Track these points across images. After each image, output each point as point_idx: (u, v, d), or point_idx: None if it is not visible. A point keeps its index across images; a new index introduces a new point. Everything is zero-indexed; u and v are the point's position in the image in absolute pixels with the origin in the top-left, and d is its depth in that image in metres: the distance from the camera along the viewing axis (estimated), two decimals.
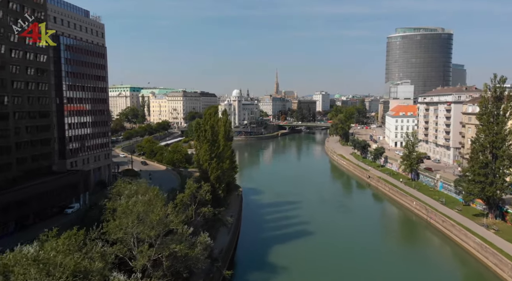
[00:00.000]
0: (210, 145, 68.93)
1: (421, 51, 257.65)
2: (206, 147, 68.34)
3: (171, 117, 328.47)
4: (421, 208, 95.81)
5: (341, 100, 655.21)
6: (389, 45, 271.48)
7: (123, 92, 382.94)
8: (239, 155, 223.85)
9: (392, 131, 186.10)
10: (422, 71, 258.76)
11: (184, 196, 53.21)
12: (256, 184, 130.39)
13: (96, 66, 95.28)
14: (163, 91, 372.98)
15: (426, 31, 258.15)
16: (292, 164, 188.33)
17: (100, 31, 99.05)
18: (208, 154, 68.40)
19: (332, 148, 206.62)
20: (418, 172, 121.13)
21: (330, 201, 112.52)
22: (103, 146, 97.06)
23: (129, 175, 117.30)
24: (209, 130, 68.33)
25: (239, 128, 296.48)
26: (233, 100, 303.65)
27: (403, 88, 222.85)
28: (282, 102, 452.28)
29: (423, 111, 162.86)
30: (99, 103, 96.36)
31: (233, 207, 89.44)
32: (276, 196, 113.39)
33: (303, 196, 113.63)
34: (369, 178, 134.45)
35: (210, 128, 68.36)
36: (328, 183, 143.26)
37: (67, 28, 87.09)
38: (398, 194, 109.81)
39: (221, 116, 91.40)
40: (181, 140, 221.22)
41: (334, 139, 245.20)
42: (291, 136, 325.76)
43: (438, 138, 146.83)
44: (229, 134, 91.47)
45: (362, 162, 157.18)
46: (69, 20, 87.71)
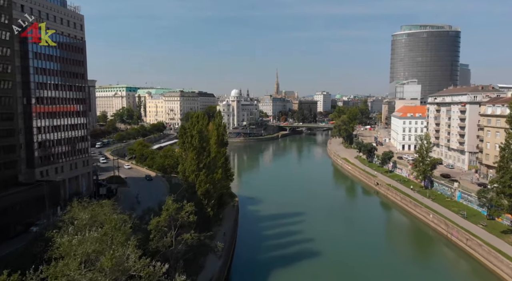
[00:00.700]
0: (198, 154, 58.21)
1: (428, 50, 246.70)
2: (193, 156, 57.64)
3: (167, 118, 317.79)
4: (439, 222, 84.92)
5: (343, 100, 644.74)
6: (394, 43, 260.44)
7: (119, 92, 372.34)
8: (237, 157, 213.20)
9: (399, 133, 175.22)
10: (428, 70, 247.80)
11: (160, 220, 42.53)
12: (254, 191, 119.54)
13: (73, 62, 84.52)
14: (160, 91, 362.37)
15: (432, 28, 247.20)
16: (294, 168, 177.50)
17: (79, 23, 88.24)
18: (195, 164, 57.70)
19: (335, 151, 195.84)
20: (432, 179, 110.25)
21: (336, 213, 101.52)
22: (81, 152, 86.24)
23: (115, 183, 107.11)
24: (196, 136, 57.62)
25: (238, 129, 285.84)
26: (232, 101, 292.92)
27: (410, 88, 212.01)
28: (282, 103, 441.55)
29: (433, 112, 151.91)
30: (77, 103, 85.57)
31: (228, 222, 78.70)
32: (277, 207, 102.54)
33: (306, 207, 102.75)
34: (377, 185, 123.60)
35: (197, 134, 57.66)
36: (332, 191, 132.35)
37: (38, 18, 76.26)
38: (411, 205, 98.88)
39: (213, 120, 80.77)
40: (177, 142, 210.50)
41: (336, 141, 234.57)
42: (292, 138, 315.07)
43: (451, 142, 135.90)
44: (223, 139, 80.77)
45: (369, 167, 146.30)
46: (40, 9, 76.96)
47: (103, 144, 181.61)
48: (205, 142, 61.13)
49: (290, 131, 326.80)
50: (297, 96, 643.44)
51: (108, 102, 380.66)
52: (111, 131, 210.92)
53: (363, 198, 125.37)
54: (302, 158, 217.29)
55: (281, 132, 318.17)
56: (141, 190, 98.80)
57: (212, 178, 62.30)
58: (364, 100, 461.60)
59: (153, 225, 41.97)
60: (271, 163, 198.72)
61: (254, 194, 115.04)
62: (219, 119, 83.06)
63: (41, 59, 75.66)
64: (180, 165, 62.55)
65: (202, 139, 59.53)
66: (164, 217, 42.85)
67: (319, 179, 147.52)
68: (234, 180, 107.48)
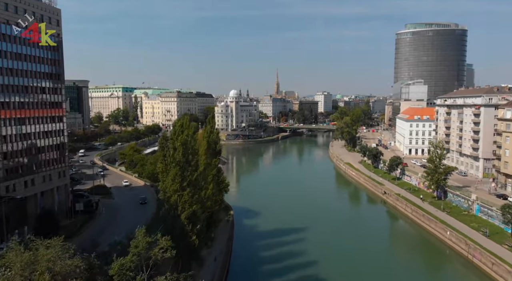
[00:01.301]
0: (182, 170, 49.03)
1: (433, 49, 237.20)
2: (175, 172, 48.44)
3: (164, 119, 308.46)
4: (458, 241, 75.66)
5: (344, 100, 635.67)
6: (398, 42, 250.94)
7: (115, 93, 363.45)
8: (235, 161, 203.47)
9: (406, 137, 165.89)
10: (434, 70, 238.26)
11: (126, 262, 33.40)
12: (252, 201, 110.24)
13: (46, 61, 75.30)
14: (157, 91, 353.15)
15: (438, 26, 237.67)
16: (295, 174, 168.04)
17: (55, 18, 78.99)
18: (178, 183, 48.50)
19: (338, 155, 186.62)
20: (445, 189, 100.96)
21: (342, 227, 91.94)
22: (56, 163, 76.96)
23: (99, 193, 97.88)
24: (180, 148, 48.44)
25: (236, 131, 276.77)
26: (231, 101, 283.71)
27: (416, 89, 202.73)
28: (282, 103, 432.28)
29: (443, 115, 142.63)
30: (51, 108, 76.31)
31: (220, 242, 69.53)
32: (277, 220, 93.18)
33: (309, 220, 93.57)
34: (384, 194, 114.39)
35: (181, 146, 48.47)
36: (336, 200, 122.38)
37: (4, 11, 67.13)
38: (424, 219, 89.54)
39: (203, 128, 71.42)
40: None
41: (339, 144, 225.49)
42: (292, 139, 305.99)
43: (464, 147, 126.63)
44: (215, 148, 71.59)
45: (374, 173, 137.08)
46: (8, 1, 67.74)
47: (94, 148, 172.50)
48: (191, 154, 51.90)
49: (290, 133, 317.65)
50: (297, 96, 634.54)
51: (104, 102, 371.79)
52: (103, 134, 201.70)
53: (369, 209, 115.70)
54: (303, 162, 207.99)
55: (281, 133, 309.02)
56: (127, 204, 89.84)
57: (200, 197, 53.07)
58: (366, 101, 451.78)
59: (115, 270, 32.91)
60: (271, 168, 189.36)
61: (252, 205, 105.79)
62: (211, 125, 73.80)
63: (7, 58, 66.52)
64: (161, 182, 53.28)
65: (187, 152, 50.29)
66: (130, 258, 33.79)
67: (321, 186, 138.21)
68: (231, 188, 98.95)
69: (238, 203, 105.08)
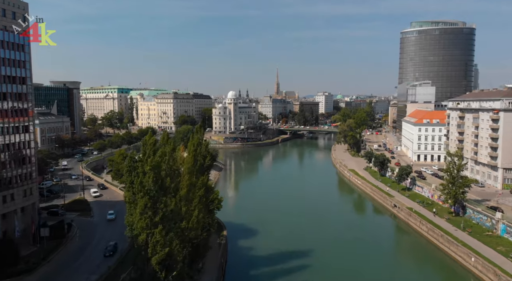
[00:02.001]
0: (153, 200, 38.75)
1: (440, 48, 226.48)
2: (144, 204, 38.10)
3: (160, 121, 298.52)
4: (485, 270, 65.26)
5: (345, 101, 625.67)
6: (403, 41, 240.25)
7: (110, 94, 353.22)
8: (233, 167, 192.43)
9: (414, 142, 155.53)
10: (441, 71, 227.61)
11: None
12: (249, 215, 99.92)
13: (8, 62, 64.98)
14: (153, 92, 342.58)
15: (445, 25, 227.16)
16: (296, 181, 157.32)
17: (20, 13, 68.69)
18: (148, 218, 38.17)
19: (341, 160, 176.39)
20: (464, 204, 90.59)
21: (349, 248, 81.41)
22: (20, 180, 66.61)
23: (77, 210, 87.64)
24: (150, 174, 38.05)
25: (235, 134, 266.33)
26: (229, 103, 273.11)
27: (423, 90, 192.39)
28: (282, 104, 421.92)
29: (456, 119, 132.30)
30: (14, 116, 66.00)
31: (209, 273, 59.10)
32: (276, 241, 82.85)
33: (312, 239, 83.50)
34: (394, 207, 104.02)
35: (151, 171, 38.02)
36: (341, 214, 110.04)
37: None
38: (443, 240, 79.12)
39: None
40: None
41: (341, 148, 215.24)
42: (293, 142, 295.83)
43: (480, 155, 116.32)
44: (203, 163, 61.26)
45: (382, 182, 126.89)
46: None
47: (82, 153, 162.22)
48: (168, 177, 41.59)
49: (291, 135, 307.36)
50: (297, 97, 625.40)
51: (99, 104, 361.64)
52: (94, 139, 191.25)
53: (378, 226, 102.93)
54: (304, 168, 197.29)
55: (282, 136, 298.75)
56: (105, 223, 79.58)
57: (180, 231, 42.71)
58: (369, 102, 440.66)
59: None
60: (270, 175, 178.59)
61: (249, 220, 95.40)
62: (199, 136, 63.43)
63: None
64: (127, 214, 42.77)
65: (161, 177, 40.02)
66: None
67: (325, 197, 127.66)
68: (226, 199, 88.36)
69: (233, 218, 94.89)
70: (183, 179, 49.79)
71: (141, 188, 38.69)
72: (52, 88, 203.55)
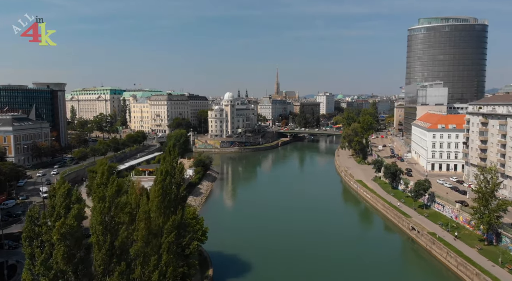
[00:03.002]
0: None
1: (451, 46, 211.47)
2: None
3: (154, 124, 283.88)
4: None
5: (346, 101, 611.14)
6: (410, 39, 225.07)
7: (102, 95, 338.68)
8: (230, 174, 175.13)
9: (428, 149, 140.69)
10: (451, 70, 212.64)
11: None
12: (242, 243, 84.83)
13: None
14: (147, 93, 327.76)
15: (456, 21, 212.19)
16: (297, 193, 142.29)
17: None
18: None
19: (346, 167, 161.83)
20: (499, 231, 75.79)
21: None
22: None
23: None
24: (61, 248, 23.35)
25: (232, 138, 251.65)
26: (225, 105, 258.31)
27: (434, 91, 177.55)
28: (282, 105, 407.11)
29: (477, 126, 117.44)
30: None
31: None
32: (275, 276, 68.27)
33: (318, 272, 68.64)
34: (412, 230, 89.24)
35: (63, 240, 23.43)
36: (350, 239, 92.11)
37: None
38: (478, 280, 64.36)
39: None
40: (157, 156, 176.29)
41: (345, 152, 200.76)
42: (293, 145, 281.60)
43: (508, 167, 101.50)
44: (177, 194, 46.58)
45: (394, 197, 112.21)
46: None
47: (61, 163, 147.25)
48: (105, 237, 26.96)
49: (291, 138, 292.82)
50: (298, 97, 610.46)
51: (91, 106, 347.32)
52: (78, 145, 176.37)
53: (394, 253, 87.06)
54: (306, 177, 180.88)
55: (282, 139, 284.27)
56: None
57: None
58: (372, 103, 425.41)
59: None
60: (269, 185, 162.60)
61: (242, 249, 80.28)
62: (173, 158, 48.77)
63: None
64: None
65: (77, 249, 25.33)
66: None
67: (330, 215, 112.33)
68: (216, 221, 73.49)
69: (223, 247, 79.90)
70: (138, 227, 35.32)
71: (43, 269, 24.10)
72: (34, 90, 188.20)
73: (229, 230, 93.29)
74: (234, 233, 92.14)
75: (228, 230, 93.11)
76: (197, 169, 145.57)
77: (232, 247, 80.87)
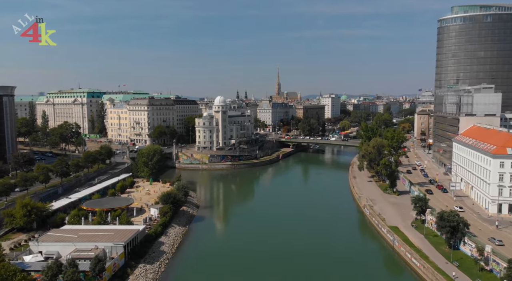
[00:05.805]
0: None
1: (494, 41, 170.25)
2: None
3: (133, 133, 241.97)
4: None
5: (352, 103, 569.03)
6: (441, 31, 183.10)
7: (78, 98, 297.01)
8: (218, 204, 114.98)
9: (490, 183, 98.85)
10: (494, 70, 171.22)
11: None
12: None
13: None
14: (129, 96, 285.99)
15: (500, 10, 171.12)
16: (304, 250, 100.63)
17: None
18: None
19: (369, 199, 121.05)
20: None
21: None
22: None
23: None
24: None
25: (223, 150, 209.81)
26: (216, 111, 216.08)
27: (483, 98, 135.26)
28: (284, 109, 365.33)
29: None
30: None
31: None
32: None
33: None
34: None
35: None
36: None
37: None
38: None
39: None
40: (120, 182, 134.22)
41: (362, 174, 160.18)
42: (296, 157, 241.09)
43: None
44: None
45: (461, 270, 70.65)
46: None
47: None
48: None
49: (293, 148, 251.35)
50: (300, 97, 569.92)
51: (67, 110, 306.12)
52: (17, 167, 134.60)
53: None
54: (315, 214, 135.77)
55: (283, 149, 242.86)
56: None
57: None
58: (386, 107, 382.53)
59: None
60: (266, 229, 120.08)
61: None
62: None
63: None
64: None
65: None
66: None
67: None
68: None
69: None
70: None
71: None
72: None
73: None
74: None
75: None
76: (163, 208, 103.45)
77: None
